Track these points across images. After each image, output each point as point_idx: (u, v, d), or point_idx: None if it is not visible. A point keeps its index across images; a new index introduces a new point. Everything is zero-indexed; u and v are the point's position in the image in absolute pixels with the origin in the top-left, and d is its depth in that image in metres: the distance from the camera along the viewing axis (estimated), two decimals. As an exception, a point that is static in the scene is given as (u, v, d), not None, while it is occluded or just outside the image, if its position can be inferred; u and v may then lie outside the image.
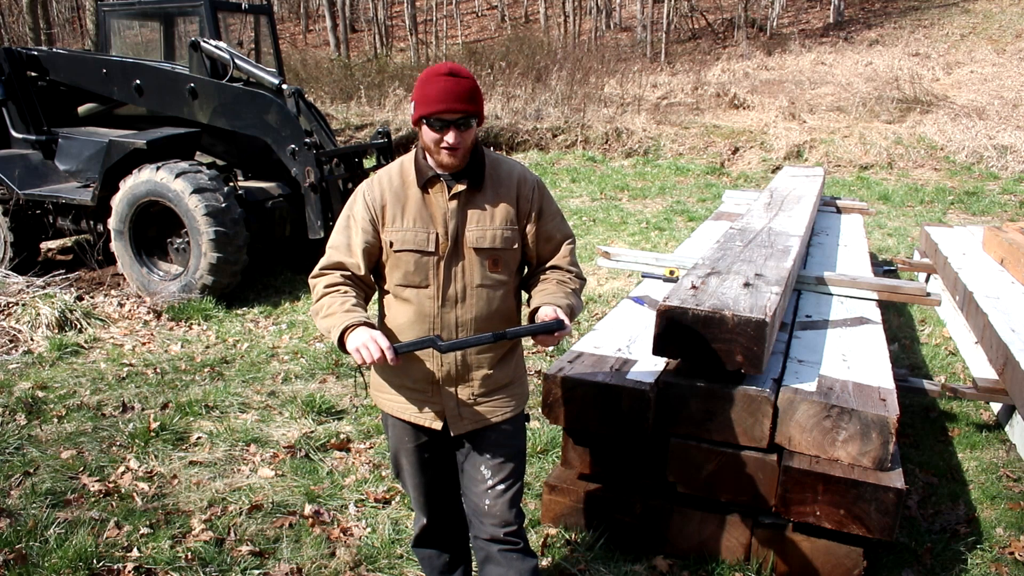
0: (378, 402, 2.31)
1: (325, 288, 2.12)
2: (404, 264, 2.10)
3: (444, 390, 2.17)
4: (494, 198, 2.13)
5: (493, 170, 2.15)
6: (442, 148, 2.02)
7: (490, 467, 2.22)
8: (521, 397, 2.30)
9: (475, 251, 2.10)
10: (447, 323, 2.11)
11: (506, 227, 2.13)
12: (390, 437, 2.35)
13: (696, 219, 9.03)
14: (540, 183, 2.22)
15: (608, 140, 14.01)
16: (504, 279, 2.16)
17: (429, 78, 2.01)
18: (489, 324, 2.13)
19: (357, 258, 2.13)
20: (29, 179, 6.84)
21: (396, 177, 2.14)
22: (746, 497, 2.76)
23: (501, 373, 2.21)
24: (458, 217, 2.09)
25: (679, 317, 2.76)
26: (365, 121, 14.75)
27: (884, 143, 12.70)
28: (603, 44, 23.85)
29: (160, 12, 7.36)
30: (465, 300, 2.11)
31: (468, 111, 1.99)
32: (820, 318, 3.69)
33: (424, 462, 2.30)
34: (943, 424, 4.23)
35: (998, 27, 19.49)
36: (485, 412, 2.20)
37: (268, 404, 4.34)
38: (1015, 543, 3.12)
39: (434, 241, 2.08)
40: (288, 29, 31.39)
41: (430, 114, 1.98)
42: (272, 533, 3.12)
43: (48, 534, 3.01)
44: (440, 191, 2.09)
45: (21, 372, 4.78)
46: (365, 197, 2.13)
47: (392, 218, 2.10)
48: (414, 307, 2.12)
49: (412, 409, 2.21)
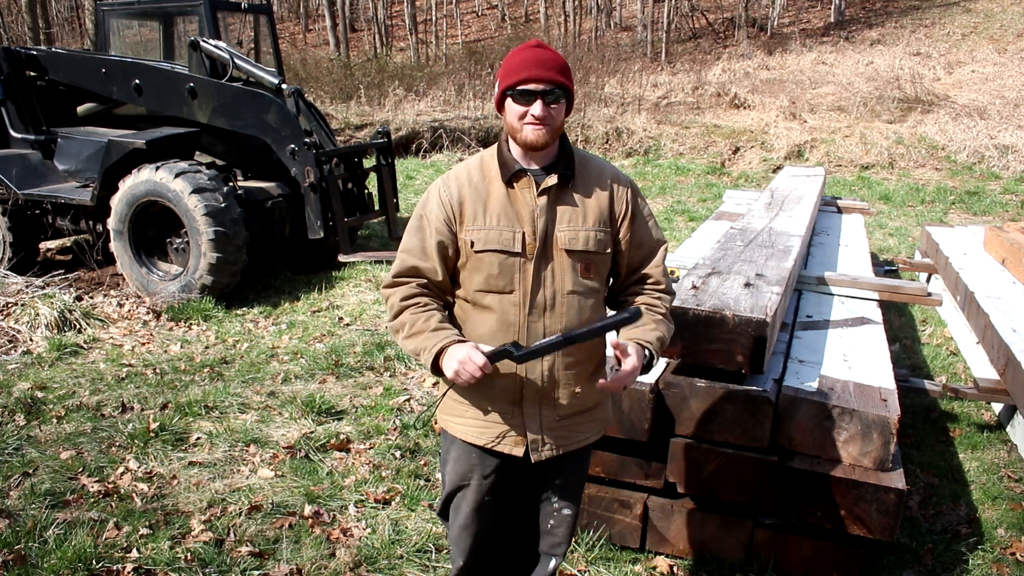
0: (448, 427, 2.07)
1: (403, 302, 1.93)
2: (487, 267, 1.90)
3: (527, 409, 1.97)
4: (586, 196, 1.95)
5: (583, 167, 1.98)
6: (526, 124, 1.83)
7: (558, 491, 2.11)
8: (604, 422, 2.14)
9: (567, 253, 1.91)
10: (534, 333, 1.91)
11: (599, 228, 1.94)
12: (451, 472, 2.09)
13: (697, 219, 9.02)
14: (634, 184, 2.05)
15: (608, 140, 14.00)
16: (596, 286, 1.98)
17: (515, 52, 1.86)
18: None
19: (434, 262, 1.93)
20: (28, 179, 6.83)
21: (476, 171, 1.95)
22: (746, 497, 2.75)
23: (588, 392, 2.02)
24: (547, 215, 1.90)
25: (680, 317, 2.75)
26: (365, 121, 14.73)
27: (885, 143, 12.69)
28: (603, 43, 23.84)
29: (159, 12, 7.35)
30: (555, 308, 1.91)
31: (558, 82, 1.82)
32: (821, 318, 3.68)
33: (485, 504, 2.08)
34: (944, 424, 4.22)
35: (999, 26, 19.48)
36: (569, 436, 2.02)
37: (268, 404, 4.33)
38: (1016, 544, 3.11)
39: (520, 241, 1.89)
40: (288, 29, 31.38)
41: (516, 83, 1.81)
42: (272, 534, 3.11)
43: (47, 535, 3.00)
44: (527, 186, 1.91)
45: (20, 372, 4.77)
46: (440, 194, 1.94)
47: (473, 216, 1.91)
48: (496, 315, 1.91)
49: (490, 433, 1.99)
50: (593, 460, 2.99)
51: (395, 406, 4.29)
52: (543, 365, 1.93)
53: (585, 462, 2.18)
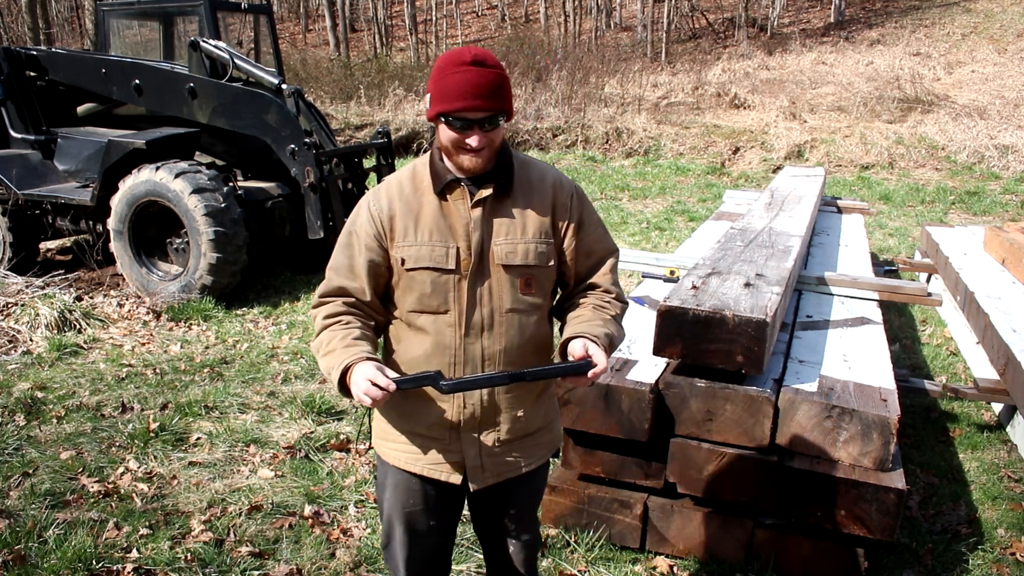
0: (381, 452, 1.96)
1: (325, 320, 1.81)
2: (419, 285, 1.78)
3: (465, 436, 1.84)
4: (525, 206, 1.81)
5: (523, 173, 1.84)
6: (463, 152, 1.72)
7: (515, 520, 2.00)
8: (552, 444, 2.00)
9: (504, 268, 1.79)
10: (471, 356, 1.79)
11: (540, 240, 1.81)
12: (387, 498, 1.96)
13: (697, 219, 9.02)
14: (579, 189, 1.91)
15: (608, 140, 14.01)
16: (538, 302, 1.85)
17: (448, 67, 1.68)
18: (520, 356, 1.82)
19: (362, 281, 1.81)
20: (28, 179, 6.83)
21: (407, 183, 1.82)
22: (747, 498, 2.75)
23: (533, 416, 1.90)
24: (483, 228, 1.77)
25: (680, 317, 2.76)
26: (365, 121, 14.74)
27: (885, 143, 12.69)
28: (603, 44, 23.84)
29: (159, 12, 7.35)
30: (493, 328, 1.79)
31: (495, 109, 1.68)
32: (821, 318, 3.68)
33: (426, 531, 1.96)
34: (944, 425, 4.22)
35: (999, 27, 19.48)
36: (512, 462, 1.90)
37: (268, 405, 4.33)
38: (1016, 544, 3.11)
39: (454, 257, 1.76)
40: (288, 29, 31.38)
41: (449, 112, 1.67)
42: (272, 534, 3.11)
43: (47, 535, 3.00)
44: (461, 198, 1.78)
45: (20, 372, 4.77)
46: (370, 208, 1.81)
47: (404, 231, 1.78)
48: (431, 337, 1.79)
49: (425, 460, 1.87)
50: (593, 460, 2.99)
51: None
52: (481, 389, 1.80)
53: (538, 485, 2.04)
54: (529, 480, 1.97)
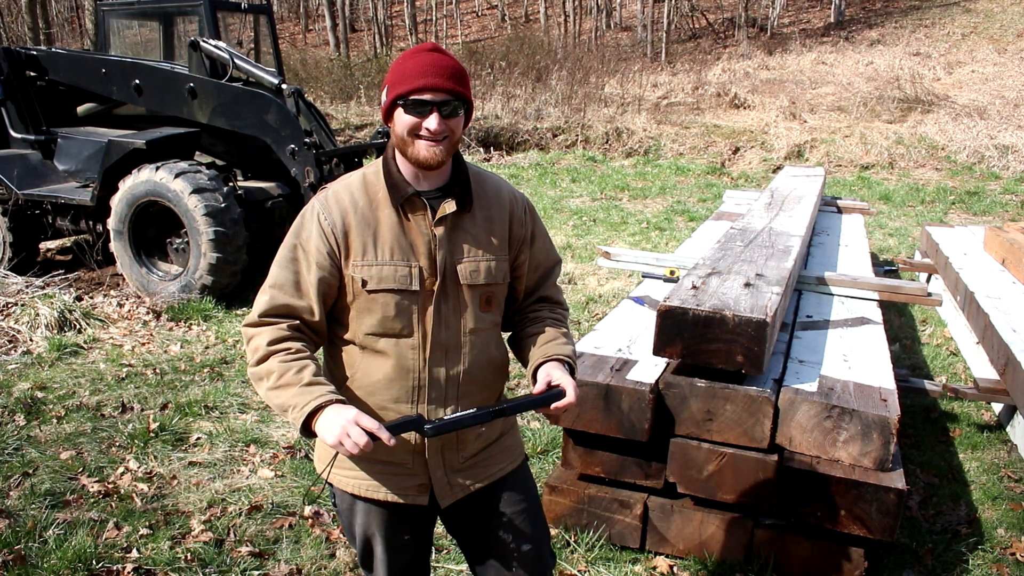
0: (338, 483, 1.81)
1: (270, 346, 1.65)
2: (381, 307, 1.67)
3: (430, 459, 1.77)
4: (486, 221, 1.75)
5: (479, 187, 1.77)
6: (420, 139, 1.61)
7: (510, 529, 1.87)
8: (517, 446, 1.95)
9: (468, 288, 1.72)
10: (434, 379, 1.72)
11: (498, 256, 1.76)
12: (358, 523, 1.84)
13: (697, 219, 9.02)
14: (529, 202, 1.88)
15: (608, 140, 14.01)
16: (496, 320, 1.82)
17: (407, 55, 1.64)
18: (483, 377, 1.78)
19: (310, 300, 1.68)
20: (28, 179, 6.83)
21: (360, 194, 1.69)
22: (747, 498, 2.75)
23: (493, 425, 1.84)
24: (447, 246, 1.69)
25: (680, 317, 2.76)
26: (365, 121, 14.75)
27: (885, 143, 12.69)
28: (603, 44, 23.85)
29: (159, 12, 7.35)
30: (458, 349, 1.73)
31: (456, 92, 1.60)
32: (821, 318, 3.68)
33: (403, 544, 1.87)
34: (944, 425, 4.22)
35: (999, 27, 19.48)
36: (480, 471, 1.84)
37: (268, 405, 4.32)
38: (1016, 544, 3.12)
39: (418, 277, 1.68)
40: (288, 29, 31.39)
41: (408, 92, 1.58)
42: (272, 534, 3.12)
43: (47, 535, 3.00)
44: (422, 213, 1.69)
45: (20, 372, 4.77)
46: (321, 222, 1.67)
47: (361, 248, 1.66)
48: (392, 361, 1.69)
49: (388, 486, 1.77)
50: (593, 460, 2.99)
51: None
52: (445, 411, 1.73)
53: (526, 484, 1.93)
54: (508, 487, 1.88)
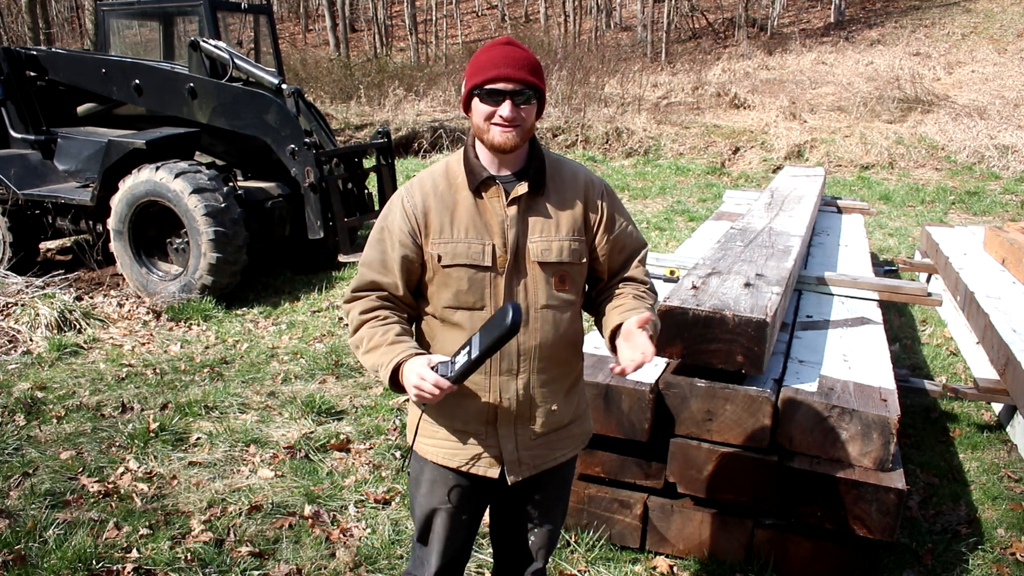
0: (419, 449, 1.97)
1: (361, 315, 1.83)
2: (455, 282, 1.79)
3: (502, 430, 1.87)
4: (559, 204, 1.85)
5: (555, 171, 1.88)
6: (494, 125, 1.73)
7: (539, 507, 2.02)
8: (584, 436, 2.05)
9: (540, 266, 1.81)
10: (507, 351, 1.81)
11: (573, 238, 1.85)
12: (423, 493, 1.97)
13: (697, 219, 9.02)
14: (608, 187, 1.96)
15: (608, 140, 14.00)
16: (572, 298, 1.88)
17: (484, 49, 1.76)
18: (554, 352, 1.86)
19: (395, 276, 1.83)
20: (28, 179, 6.83)
21: (441, 179, 1.84)
22: (746, 497, 2.75)
23: (566, 409, 1.94)
24: (519, 226, 1.80)
25: (680, 317, 2.76)
26: (365, 121, 14.74)
27: (885, 143, 12.69)
28: (603, 44, 23.84)
29: (159, 12, 7.35)
30: (528, 324, 1.81)
31: (528, 82, 1.71)
32: (821, 318, 3.68)
33: (462, 524, 2.00)
34: (944, 425, 4.22)
35: (999, 27, 19.47)
36: (547, 454, 1.94)
37: (268, 404, 4.33)
38: (1016, 544, 3.11)
39: (491, 254, 1.78)
40: (288, 29, 31.38)
41: (483, 82, 1.71)
42: (272, 534, 3.11)
43: (47, 535, 3.00)
44: (496, 195, 1.80)
45: (20, 372, 4.77)
46: (404, 204, 1.82)
47: (439, 228, 1.80)
48: (467, 333, 1.78)
49: (463, 455, 1.89)
50: (593, 460, 2.99)
51: (395, 406, 4.29)
52: (517, 383, 1.84)
53: (566, 477, 2.08)
54: (559, 470, 2.00)
